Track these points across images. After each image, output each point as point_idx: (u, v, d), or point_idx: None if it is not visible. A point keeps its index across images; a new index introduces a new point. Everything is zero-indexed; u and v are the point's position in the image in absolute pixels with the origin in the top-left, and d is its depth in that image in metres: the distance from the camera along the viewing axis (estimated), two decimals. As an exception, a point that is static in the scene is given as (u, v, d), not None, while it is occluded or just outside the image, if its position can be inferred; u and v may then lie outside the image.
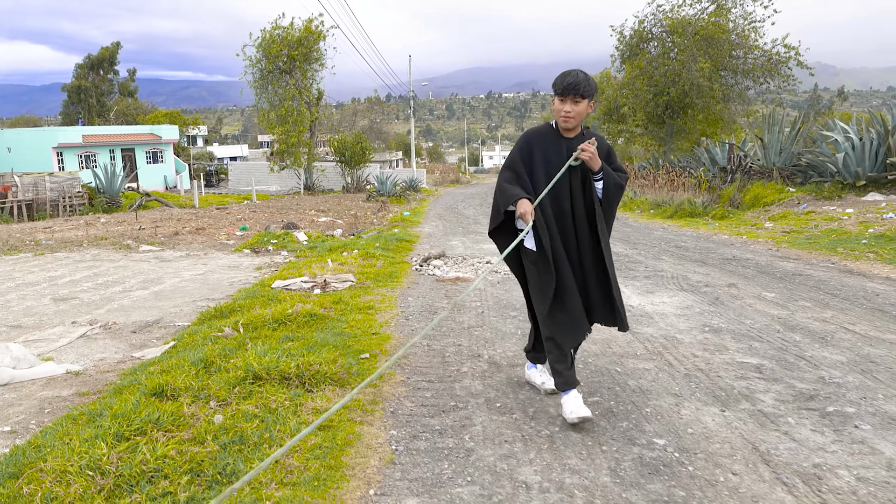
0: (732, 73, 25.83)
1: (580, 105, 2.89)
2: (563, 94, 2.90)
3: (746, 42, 25.32)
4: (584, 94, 2.89)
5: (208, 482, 2.26)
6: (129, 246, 10.07)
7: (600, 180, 3.00)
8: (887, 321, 4.80)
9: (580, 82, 2.86)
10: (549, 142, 3.04)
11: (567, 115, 2.91)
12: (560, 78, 2.93)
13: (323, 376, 3.25)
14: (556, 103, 2.95)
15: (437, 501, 2.18)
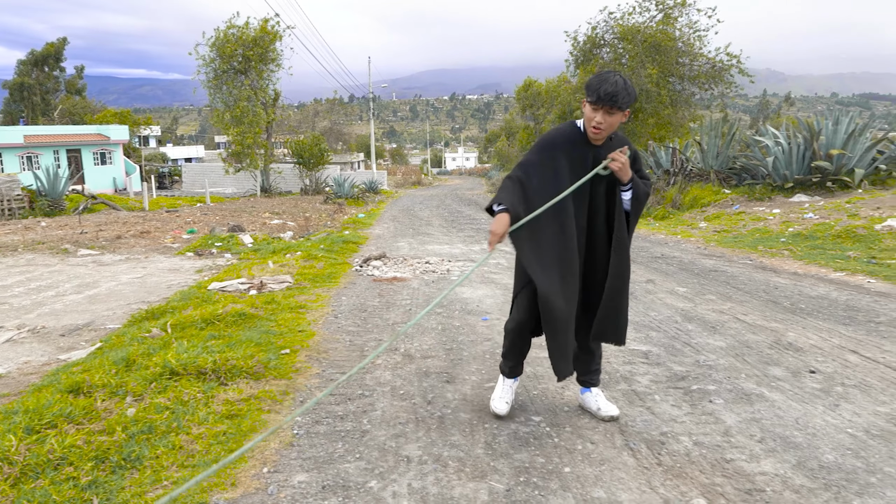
0: (679, 80, 26.83)
1: (615, 116, 2.59)
2: (597, 102, 2.57)
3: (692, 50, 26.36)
4: (622, 107, 2.57)
5: (112, 468, 2.46)
6: (67, 250, 10.00)
7: (629, 191, 2.74)
8: (776, 311, 5.25)
9: (618, 93, 2.52)
10: (577, 147, 2.73)
11: (598, 126, 2.61)
12: (596, 82, 2.58)
13: (239, 370, 3.46)
14: (588, 110, 2.63)
15: (325, 475, 2.43)
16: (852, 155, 14.38)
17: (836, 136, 14.65)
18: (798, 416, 2.99)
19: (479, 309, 5.39)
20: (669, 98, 26.14)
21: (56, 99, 59.34)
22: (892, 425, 2.89)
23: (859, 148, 14.28)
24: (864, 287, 6.46)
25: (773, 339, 4.41)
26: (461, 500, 2.23)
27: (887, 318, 4.96)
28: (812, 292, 6.13)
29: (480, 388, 3.41)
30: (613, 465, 2.49)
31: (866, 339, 4.38)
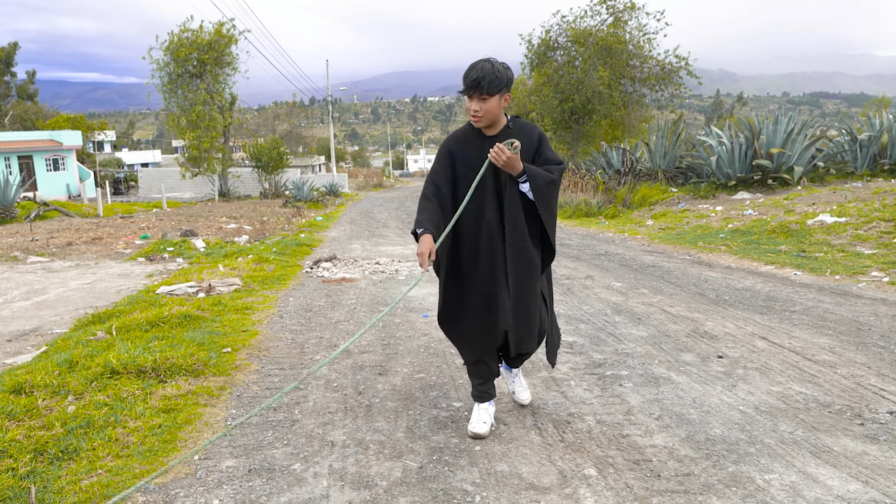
0: (631, 81, 27.55)
1: (489, 101, 2.58)
2: (466, 91, 2.60)
3: (641, 52, 27.10)
4: (491, 91, 2.56)
5: (50, 459, 2.59)
6: (16, 258, 9.87)
7: (525, 182, 2.65)
8: (701, 303, 5.60)
9: (484, 76, 2.53)
10: (470, 144, 2.73)
11: (476, 114, 2.62)
12: (466, 71, 2.60)
13: (179, 368, 3.60)
14: (466, 101, 2.65)
15: (252, 460, 2.61)
16: (791, 153, 15.05)
17: (777, 135, 15.30)
18: (697, 396, 3.29)
19: (422, 306, 5.61)
20: (621, 100, 26.83)
21: (7, 104, 57.53)
22: (782, 402, 3.21)
23: (798, 147, 14.96)
24: (790, 279, 6.89)
25: (692, 328, 4.74)
26: (376, 478, 2.44)
27: (802, 307, 5.35)
28: (738, 285, 6.52)
29: (410, 378, 3.63)
30: (520, 443, 2.73)
31: (778, 326, 4.74)
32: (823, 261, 7.84)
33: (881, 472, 2.42)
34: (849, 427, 2.86)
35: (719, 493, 2.28)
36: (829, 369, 3.68)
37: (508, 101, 2.65)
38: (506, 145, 2.56)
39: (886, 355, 3.91)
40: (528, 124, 2.79)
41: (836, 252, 8.39)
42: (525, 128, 2.75)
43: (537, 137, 2.74)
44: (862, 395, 3.27)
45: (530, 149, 2.72)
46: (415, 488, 2.34)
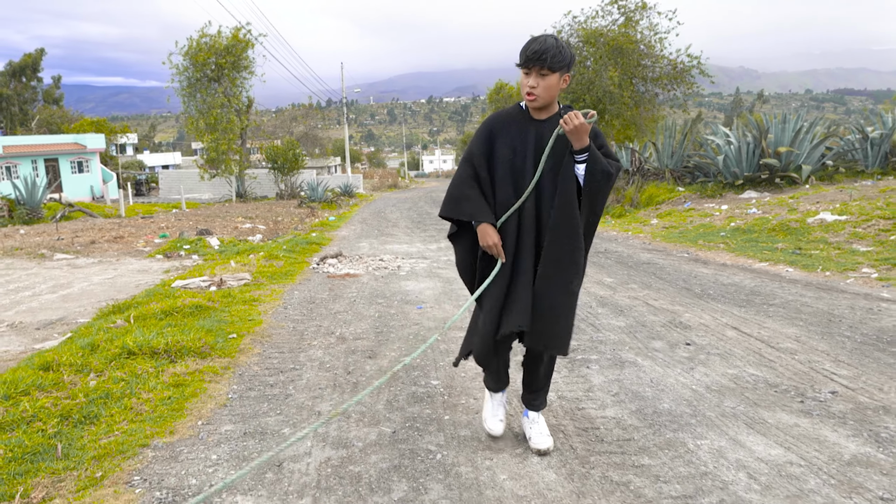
0: (642, 81, 27.65)
1: (549, 79, 2.37)
2: (525, 64, 2.39)
3: (653, 52, 27.18)
4: (553, 66, 2.35)
5: (74, 423, 2.98)
6: (43, 255, 10.40)
7: (583, 162, 2.40)
8: (685, 297, 5.88)
9: (548, 49, 2.33)
10: (516, 127, 2.51)
11: (532, 90, 2.40)
12: (526, 44, 2.41)
13: (188, 350, 3.99)
14: (522, 77, 2.44)
15: (248, 426, 2.97)
16: (799, 152, 15.13)
17: (785, 134, 15.40)
18: (656, 377, 3.59)
19: (418, 299, 5.95)
20: (633, 99, 26.94)
21: (34, 109, 59.10)
22: (732, 383, 3.49)
23: (806, 145, 15.04)
24: (780, 275, 7.12)
25: (669, 319, 5.02)
26: (354, 440, 2.78)
27: (781, 301, 5.60)
28: (726, 280, 6.77)
29: (396, 361, 3.97)
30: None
31: (753, 318, 5.01)
32: (817, 258, 8.02)
33: (804, 441, 2.71)
34: (789, 404, 3.15)
35: (651, 454, 2.59)
36: (789, 355, 3.95)
37: (567, 83, 2.43)
38: (580, 112, 2.35)
39: (848, 344, 4.17)
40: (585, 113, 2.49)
41: (832, 249, 8.56)
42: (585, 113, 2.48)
43: (594, 131, 2.47)
44: (812, 377, 3.54)
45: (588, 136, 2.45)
46: (386, 448, 2.68)
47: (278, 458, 2.59)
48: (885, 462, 2.48)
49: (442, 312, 5.39)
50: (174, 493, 2.36)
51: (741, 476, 2.40)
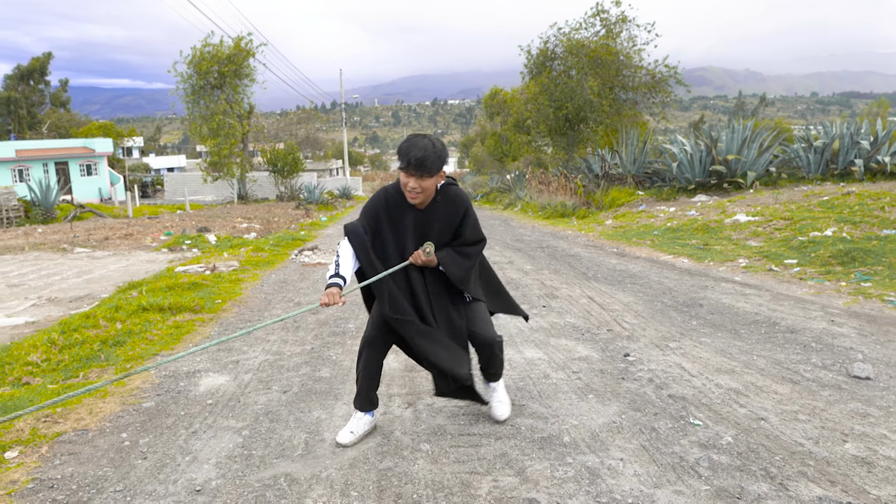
0: (623, 90, 29.20)
1: (427, 181, 2.66)
2: (407, 168, 2.64)
3: (631, 62, 28.74)
4: (433, 171, 2.65)
5: (110, 344, 4.66)
6: (65, 249, 12.11)
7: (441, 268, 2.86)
8: (575, 278, 7.51)
9: (427, 157, 2.60)
10: (396, 210, 2.83)
11: (413, 191, 2.69)
12: (405, 147, 2.65)
13: (184, 308, 5.67)
14: (402, 175, 2.69)
15: (218, 347, 4.64)
16: (746, 160, 16.65)
17: (734, 142, 16.91)
18: (501, 323, 5.24)
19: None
20: (613, 107, 28.44)
21: (42, 112, 60.80)
22: (549, 326, 5.13)
23: (752, 153, 16.52)
24: (673, 264, 8.73)
25: (548, 292, 6.66)
26: (285, 353, 4.46)
27: (645, 281, 7.22)
28: (621, 268, 8.39)
29: (333, 317, 5.62)
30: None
31: (609, 291, 6.64)
32: (713, 251, 9.61)
33: (560, 350, 4.36)
34: (574, 335, 4.79)
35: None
36: (607, 312, 5.59)
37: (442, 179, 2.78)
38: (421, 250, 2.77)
39: (658, 306, 5.80)
40: (458, 197, 2.90)
41: (730, 244, 10.15)
42: (454, 200, 2.87)
43: (462, 212, 2.87)
44: (608, 323, 5.18)
45: (453, 222, 2.87)
46: (303, 356, 4.36)
47: (238, 357, 4.27)
48: (594, 357, 4.14)
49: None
50: (172, 374, 4.03)
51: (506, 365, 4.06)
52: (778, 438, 2.76)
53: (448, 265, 2.84)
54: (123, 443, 2.91)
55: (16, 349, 4.53)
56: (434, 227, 2.84)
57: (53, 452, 2.81)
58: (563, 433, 2.89)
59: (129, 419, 3.21)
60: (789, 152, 18.56)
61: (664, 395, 3.39)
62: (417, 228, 2.84)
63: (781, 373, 3.71)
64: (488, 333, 2.92)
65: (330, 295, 2.63)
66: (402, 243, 2.84)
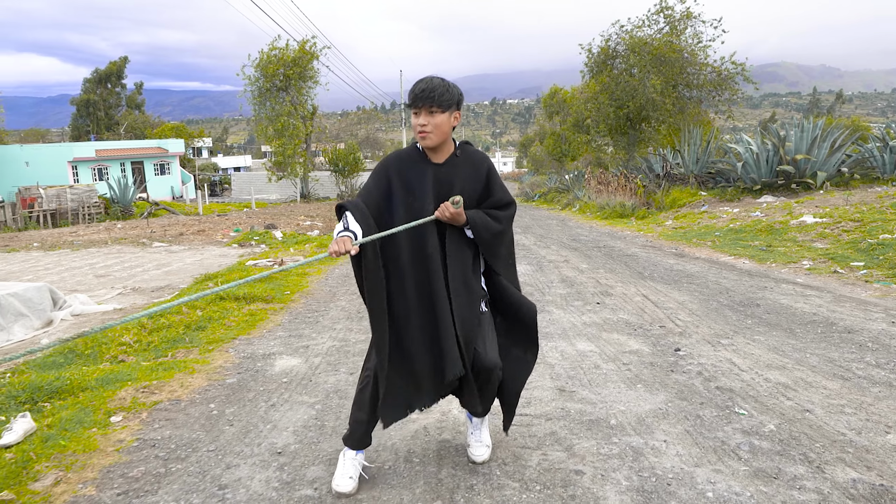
0: (687, 88, 28.54)
1: (438, 117, 2.40)
2: (414, 104, 2.42)
3: (696, 60, 28.07)
4: (442, 104, 2.40)
5: (192, 329, 5.10)
6: (144, 243, 12.96)
7: (469, 229, 2.50)
8: (630, 277, 7.58)
9: (435, 87, 2.38)
10: (411, 168, 2.52)
11: (423, 129, 2.41)
12: (413, 85, 2.45)
13: (257, 298, 6.10)
14: (413, 118, 2.45)
15: (291, 332, 5.00)
16: (816, 159, 16.12)
17: (803, 142, 16.39)
18: (556, 318, 5.41)
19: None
20: (676, 106, 27.82)
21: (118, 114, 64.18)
22: (602, 321, 5.26)
23: (822, 153, 15.96)
24: (732, 265, 8.66)
25: (602, 290, 6.77)
26: (352, 339, 4.76)
27: (702, 281, 7.23)
28: (677, 267, 8.39)
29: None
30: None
31: (665, 290, 6.69)
32: (776, 253, 9.46)
33: (611, 343, 4.50)
34: (626, 331, 4.92)
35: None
36: (660, 309, 5.67)
37: (458, 121, 2.51)
38: (449, 202, 2.42)
39: (713, 305, 5.84)
40: (478, 153, 2.62)
41: (794, 246, 9.95)
42: (473, 157, 2.59)
43: (486, 171, 2.59)
44: (661, 320, 5.27)
45: (478, 183, 2.56)
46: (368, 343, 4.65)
47: (308, 343, 4.62)
48: (645, 351, 4.27)
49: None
50: (250, 356, 4.41)
51: (557, 356, 4.24)
52: (821, 428, 2.85)
53: (478, 226, 2.49)
54: (212, 412, 3.27)
55: (110, 331, 5.03)
56: (456, 185, 2.52)
57: (152, 418, 3.20)
58: (611, 417, 3.07)
59: (215, 392, 3.58)
60: (863, 152, 17.82)
61: (712, 386, 3.50)
62: (436, 186, 2.50)
63: (833, 370, 3.75)
64: (490, 357, 2.47)
65: (341, 242, 2.26)
66: (417, 204, 2.48)
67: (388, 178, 2.53)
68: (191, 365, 4.07)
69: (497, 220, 2.55)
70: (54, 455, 2.71)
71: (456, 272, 2.46)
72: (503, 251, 2.61)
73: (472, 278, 2.50)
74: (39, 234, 17.68)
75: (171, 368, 3.94)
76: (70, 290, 7.96)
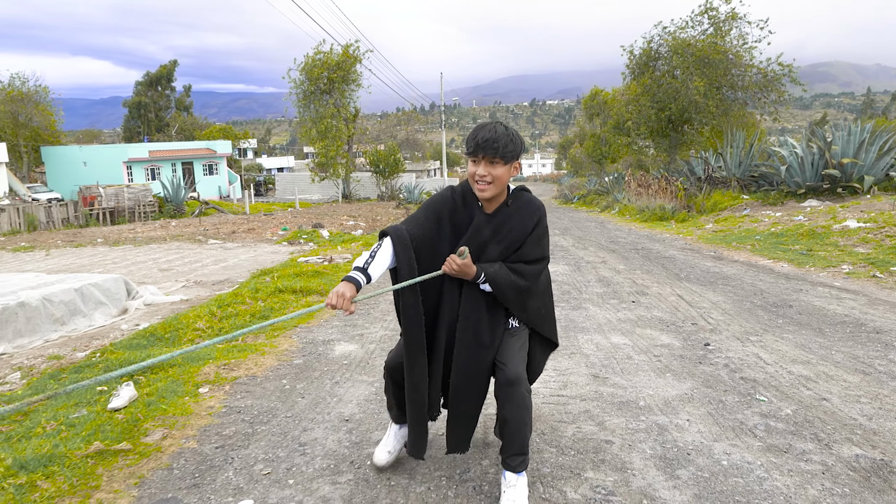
0: (731, 89, 28.17)
1: (499, 169, 2.30)
2: (475, 152, 2.31)
3: (741, 61, 27.71)
4: (505, 156, 2.30)
5: (258, 316, 5.60)
6: (200, 240, 13.70)
7: (484, 283, 2.38)
8: (667, 278, 7.81)
9: (499, 138, 2.26)
10: (463, 213, 2.45)
11: (482, 179, 2.32)
12: (474, 131, 2.34)
13: (312, 291, 6.58)
14: (470, 164, 2.36)
15: (346, 322, 5.45)
16: (863, 163, 15.87)
17: (850, 145, 16.15)
18: (592, 314, 5.72)
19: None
20: (720, 108, 27.48)
21: (167, 115, 66.43)
22: (636, 317, 5.55)
23: (871, 157, 15.70)
24: (770, 268, 8.80)
25: (638, 290, 7.04)
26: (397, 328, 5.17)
27: (738, 283, 7.42)
28: (714, 269, 8.57)
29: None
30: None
31: (699, 290, 6.92)
32: (816, 257, 9.53)
33: (644, 338, 4.80)
34: (659, 327, 5.20)
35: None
36: (693, 308, 5.93)
37: (518, 172, 2.39)
38: (456, 254, 2.32)
39: (746, 305, 6.06)
40: (531, 204, 2.48)
41: (835, 250, 9.99)
42: (525, 208, 2.46)
43: (534, 224, 2.44)
44: (694, 318, 5.53)
45: (524, 231, 2.43)
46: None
47: (362, 332, 5.06)
48: (676, 345, 4.56)
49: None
50: (311, 342, 4.87)
51: (592, 347, 4.57)
52: (835, 414, 3.12)
53: (497, 282, 2.35)
54: (285, 386, 3.73)
55: (184, 318, 5.57)
56: (498, 235, 2.41)
57: (234, 390, 3.67)
58: (640, 399, 3.40)
59: (286, 371, 4.04)
60: (914, 156, 17.45)
61: (736, 377, 3.79)
62: (475, 235, 2.41)
63: (855, 365, 3.98)
64: (514, 368, 2.33)
65: (340, 296, 2.18)
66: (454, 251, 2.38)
67: (440, 218, 2.45)
68: (260, 348, 4.55)
69: (521, 274, 2.40)
70: (157, 416, 3.19)
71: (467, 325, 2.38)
72: (532, 304, 2.48)
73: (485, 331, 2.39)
74: (101, 231, 18.72)
75: (244, 350, 4.43)
76: (139, 282, 8.62)
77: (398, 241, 2.35)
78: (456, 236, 2.42)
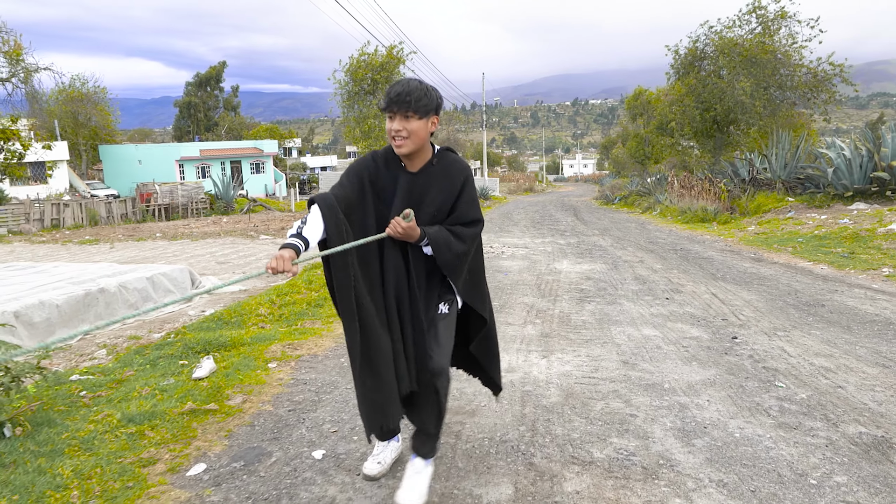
0: (780, 89, 27.64)
1: (413, 123, 2.27)
2: (388, 106, 2.30)
3: (790, 61, 27.18)
4: (419, 109, 2.27)
5: (313, 306, 6.08)
6: (252, 236, 14.41)
7: (426, 246, 2.38)
8: (702, 277, 8.02)
9: (412, 92, 2.25)
10: (384, 174, 2.42)
11: (398, 135, 2.29)
12: (389, 87, 2.31)
13: (362, 283, 7.05)
14: (387, 122, 2.33)
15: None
16: (914, 166, 15.57)
17: (900, 148, 15.84)
18: (626, 308, 6.01)
19: (506, 268, 8.64)
20: (767, 108, 27.02)
21: (216, 115, 68.45)
22: (668, 312, 5.83)
23: (921, 160, 15.40)
24: (810, 270, 8.90)
25: (673, 288, 7.28)
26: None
27: (773, 283, 7.59)
28: (751, 270, 8.72)
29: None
30: (508, 312, 5.70)
31: (734, 289, 7.13)
32: (857, 260, 9.56)
33: (674, 331, 5.09)
34: (690, 321, 5.47)
35: (593, 333, 5.10)
36: (726, 306, 6.16)
37: (435, 127, 2.36)
38: (400, 217, 2.28)
39: (778, 304, 6.26)
40: (457, 163, 2.48)
41: (878, 254, 9.99)
42: (451, 167, 2.45)
43: (461, 182, 2.45)
44: (725, 314, 5.77)
45: (451, 195, 2.43)
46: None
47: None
48: (704, 338, 4.84)
49: (519, 277, 8.05)
50: (363, 328, 5.31)
51: (624, 338, 4.88)
52: (847, 400, 3.39)
53: (439, 245, 2.34)
54: (343, 364, 4.17)
55: (246, 305, 6.11)
56: (427, 197, 2.40)
57: (299, 366, 4.13)
58: (665, 382, 3.72)
59: (343, 351, 4.49)
60: (970, 159, 17.00)
61: (759, 366, 4.06)
62: (406, 196, 2.38)
63: (877, 360, 4.20)
64: (440, 361, 2.33)
65: (280, 259, 2.09)
66: (385, 213, 2.37)
67: (362, 181, 2.40)
68: (319, 331, 5.02)
69: (460, 238, 2.40)
70: (235, 385, 3.68)
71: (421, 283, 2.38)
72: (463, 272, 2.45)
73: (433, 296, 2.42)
74: (157, 226, 19.73)
75: (305, 333, 4.90)
76: (200, 273, 9.27)
77: (324, 204, 2.29)
78: (380, 199, 2.40)
